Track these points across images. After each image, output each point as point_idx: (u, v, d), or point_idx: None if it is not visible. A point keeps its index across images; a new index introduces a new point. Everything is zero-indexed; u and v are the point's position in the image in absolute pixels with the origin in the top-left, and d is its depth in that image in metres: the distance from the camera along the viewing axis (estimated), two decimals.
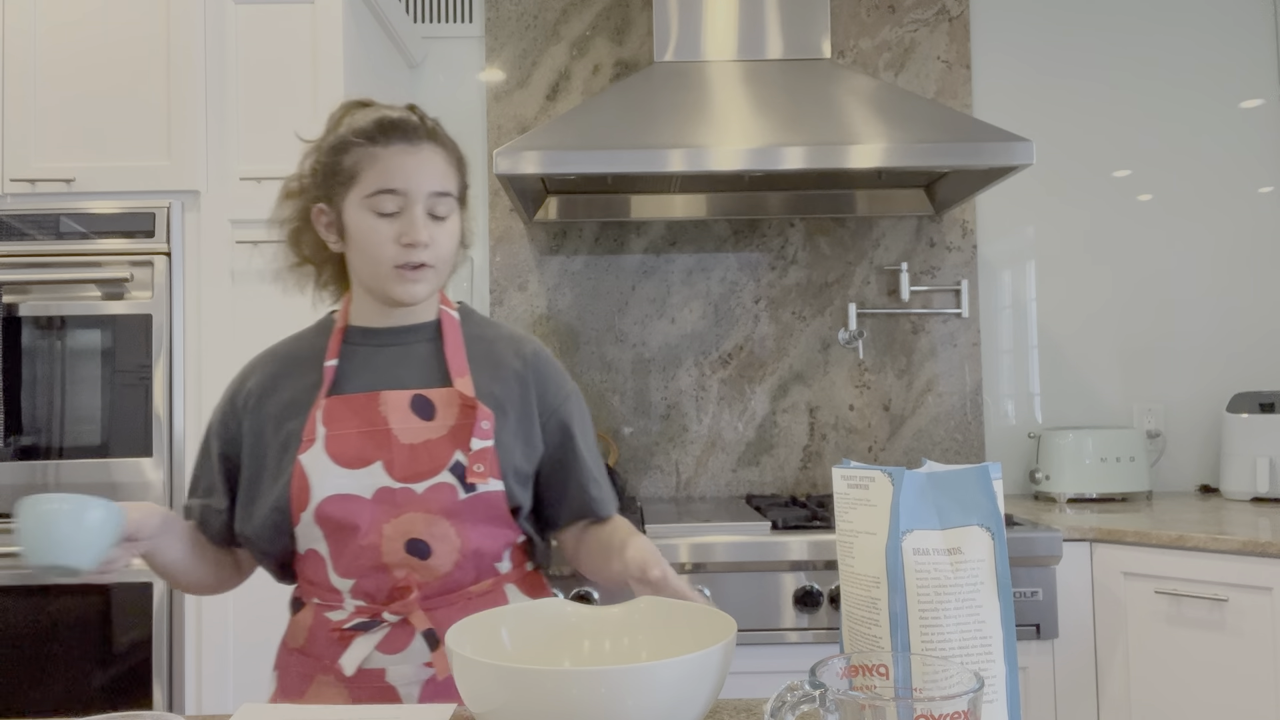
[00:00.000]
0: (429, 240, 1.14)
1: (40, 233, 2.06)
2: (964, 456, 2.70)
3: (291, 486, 1.13)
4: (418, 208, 1.13)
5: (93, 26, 2.11)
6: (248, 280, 2.09)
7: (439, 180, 1.15)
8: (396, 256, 1.14)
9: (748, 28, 2.45)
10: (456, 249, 1.21)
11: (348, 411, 1.15)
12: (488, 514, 1.16)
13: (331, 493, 1.12)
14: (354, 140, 1.15)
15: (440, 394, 1.17)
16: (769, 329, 2.72)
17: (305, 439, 1.14)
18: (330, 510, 1.12)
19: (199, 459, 1.25)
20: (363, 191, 1.14)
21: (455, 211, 1.19)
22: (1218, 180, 2.77)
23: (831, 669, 0.67)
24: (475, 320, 1.29)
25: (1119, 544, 2.04)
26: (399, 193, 1.13)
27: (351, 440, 1.14)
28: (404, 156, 1.14)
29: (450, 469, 1.14)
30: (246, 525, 1.19)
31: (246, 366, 1.26)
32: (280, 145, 2.12)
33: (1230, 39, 2.78)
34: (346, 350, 1.22)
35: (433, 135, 1.17)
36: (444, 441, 1.15)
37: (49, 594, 2.01)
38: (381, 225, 1.14)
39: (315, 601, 1.19)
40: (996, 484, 0.80)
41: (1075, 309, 2.76)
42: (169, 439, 2.05)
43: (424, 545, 1.13)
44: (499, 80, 2.76)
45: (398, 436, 1.14)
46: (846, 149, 2.12)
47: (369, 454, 1.13)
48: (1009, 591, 0.78)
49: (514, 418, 1.20)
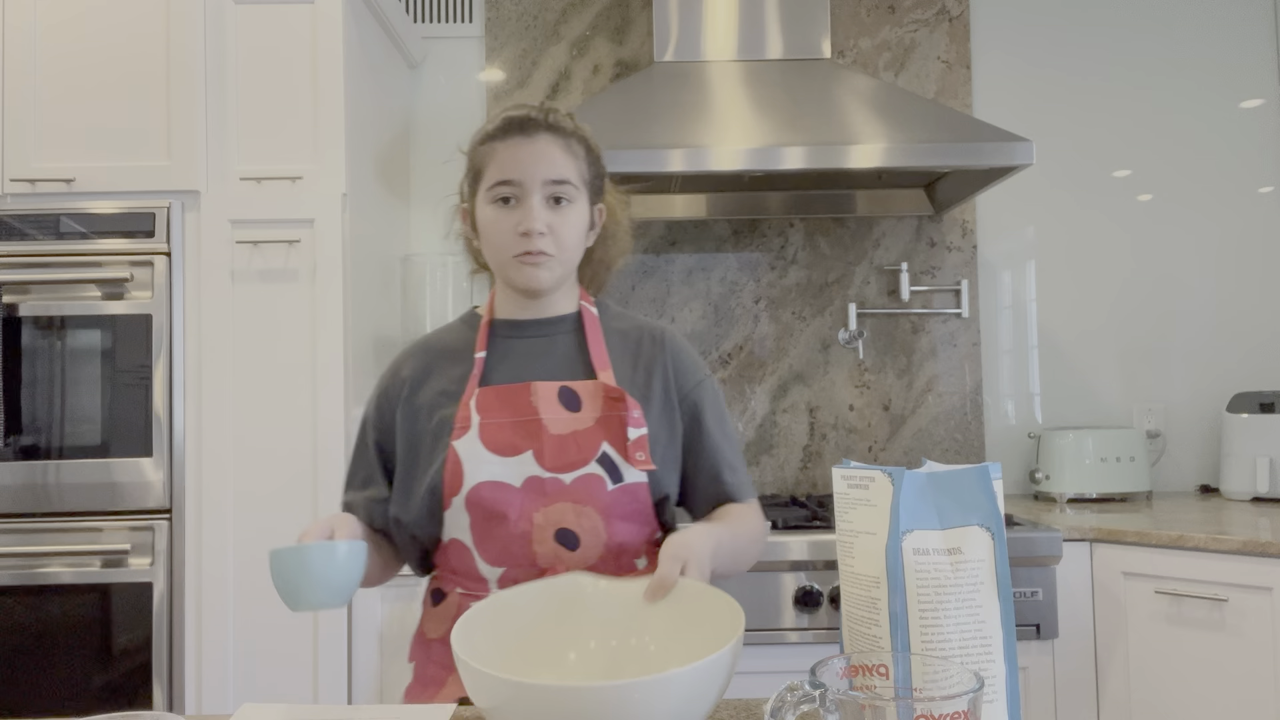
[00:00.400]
0: (545, 229, 1.16)
1: (40, 233, 2.06)
2: (964, 456, 2.70)
3: (445, 471, 1.15)
4: (534, 197, 1.16)
5: (93, 26, 2.11)
6: (248, 280, 2.09)
7: (555, 169, 1.17)
8: (515, 245, 1.17)
9: (748, 28, 2.45)
10: (581, 238, 1.22)
11: (500, 401, 1.18)
12: (632, 508, 1.18)
13: (484, 479, 1.15)
14: (480, 140, 1.21)
15: (585, 386, 1.20)
16: (769, 329, 2.72)
17: (459, 426, 1.17)
18: (482, 496, 1.14)
19: (355, 452, 1.29)
20: (486, 185, 1.19)
21: (579, 200, 1.20)
22: (1218, 180, 2.77)
23: (831, 669, 0.67)
24: (612, 313, 1.31)
25: (1119, 544, 2.04)
26: (514, 183, 1.16)
27: (504, 429, 1.17)
28: (519, 149, 1.17)
29: (598, 460, 1.16)
30: (403, 510, 1.21)
31: (398, 358, 1.29)
32: (280, 145, 2.12)
33: (1230, 39, 2.78)
34: (493, 342, 1.25)
35: (551, 126, 1.19)
36: (591, 433, 1.17)
37: (49, 594, 2.01)
38: (501, 216, 1.18)
39: (459, 591, 1.19)
40: (996, 484, 0.80)
41: (1075, 309, 2.76)
42: (169, 439, 2.05)
43: (573, 536, 1.15)
44: (499, 80, 2.76)
45: (547, 426, 1.16)
46: (846, 149, 2.12)
47: (520, 443, 1.16)
48: (1009, 591, 0.78)
49: (656, 406, 1.23)
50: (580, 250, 1.23)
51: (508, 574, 1.16)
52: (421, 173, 2.77)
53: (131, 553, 2.02)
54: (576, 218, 1.20)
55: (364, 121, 2.29)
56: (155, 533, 2.03)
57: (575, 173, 1.19)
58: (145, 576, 2.02)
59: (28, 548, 2.01)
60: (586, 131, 1.24)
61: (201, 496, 2.05)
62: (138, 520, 2.03)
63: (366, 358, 2.25)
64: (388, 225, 2.50)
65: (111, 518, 2.03)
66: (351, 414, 2.11)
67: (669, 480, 1.21)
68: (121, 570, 2.01)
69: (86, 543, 2.02)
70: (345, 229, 2.11)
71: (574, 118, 1.23)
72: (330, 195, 2.10)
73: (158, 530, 2.03)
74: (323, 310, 2.08)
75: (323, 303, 2.08)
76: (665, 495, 1.21)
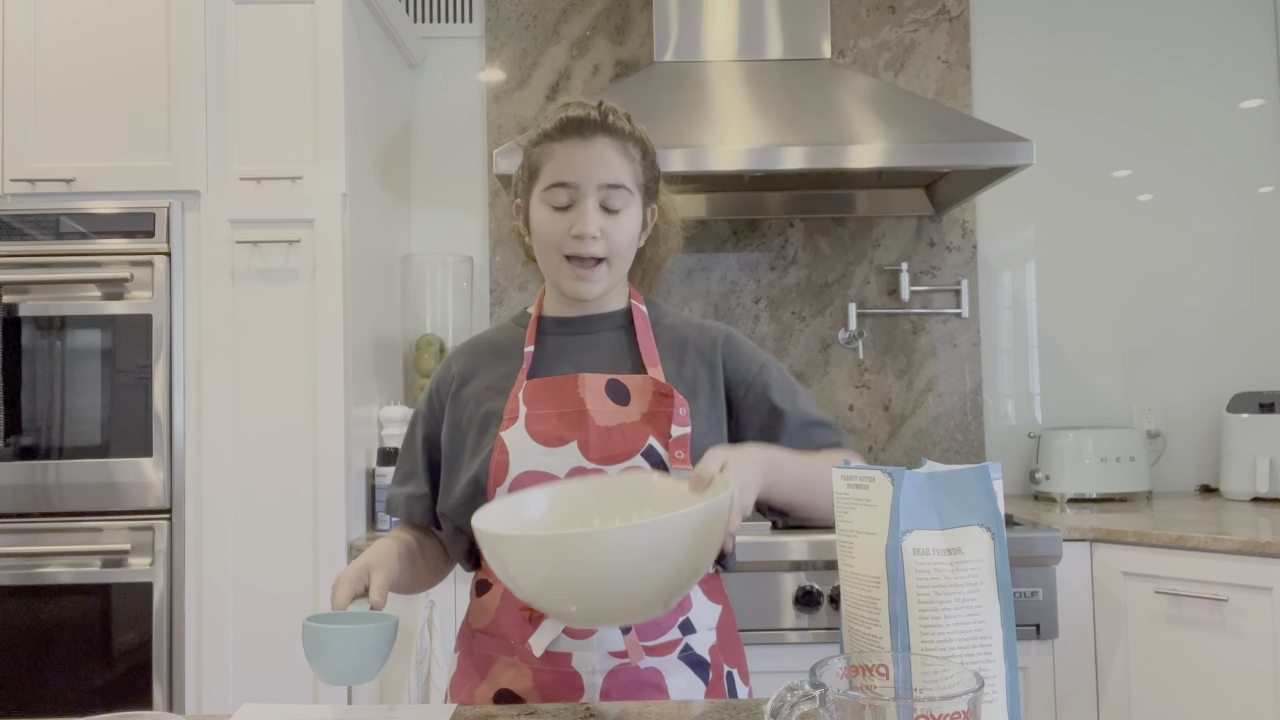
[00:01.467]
0: (598, 233, 1.15)
1: (40, 233, 2.06)
2: (964, 456, 2.70)
3: (491, 461, 1.15)
4: (588, 200, 1.15)
5: (93, 26, 2.11)
6: (248, 280, 2.09)
7: (611, 173, 1.16)
8: (568, 247, 1.16)
9: (748, 28, 2.45)
10: (633, 241, 1.21)
11: (547, 393, 1.18)
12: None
13: (528, 469, 1.15)
14: (537, 138, 1.20)
15: (634, 380, 1.19)
16: (769, 329, 2.72)
17: (508, 417, 1.17)
18: (524, 486, 1.14)
19: (404, 446, 1.31)
20: (541, 185, 1.18)
21: (633, 204, 1.19)
22: (1218, 180, 2.77)
23: (831, 669, 0.67)
24: (662, 309, 1.31)
25: (1119, 544, 2.04)
26: (570, 185, 1.16)
27: (550, 420, 1.16)
28: (575, 150, 1.16)
29: (643, 454, 1.16)
30: (445, 502, 1.21)
31: (450, 355, 1.31)
32: (280, 145, 2.12)
33: (1230, 39, 2.78)
34: (541, 338, 1.26)
35: (609, 128, 1.18)
36: (638, 426, 1.17)
37: (49, 594, 2.01)
38: (555, 218, 1.17)
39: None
40: (996, 484, 0.80)
41: (1075, 309, 2.76)
42: (169, 439, 2.05)
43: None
44: (499, 80, 2.76)
45: (594, 418, 1.16)
46: (846, 149, 2.12)
47: (565, 434, 1.16)
48: (1009, 591, 0.78)
49: (704, 403, 1.22)
50: (632, 253, 1.22)
51: None
52: (421, 173, 2.77)
53: (131, 553, 2.02)
54: (630, 222, 1.19)
55: (364, 121, 2.29)
56: (155, 533, 2.03)
57: (630, 176, 1.18)
58: (145, 576, 2.02)
59: (28, 548, 2.01)
60: (643, 132, 1.23)
61: (201, 496, 2.05)
62: (138, 520, 2.03)
63: (366, 358, 2.25)
64: (388, 225, 2.50)
65: (111, 518, 2.03)
66: (352, 414, 2.11)
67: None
68: (121, 570, 2.01)
69: (86, 543, 2.02)
70: (345, 229, 2.11)
71: (631, 118, 1.22)
72: (330, 195, 2.10)
73: (158, 530, 2.03)
74: (323, 310, 2.08)
75: (323, 303, 2.08)
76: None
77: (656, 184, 1.25)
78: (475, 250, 2.75)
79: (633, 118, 1.22)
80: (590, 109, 1.19)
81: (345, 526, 2.05)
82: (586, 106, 1.19)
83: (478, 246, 2.75)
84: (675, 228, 1.31)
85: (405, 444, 1.31)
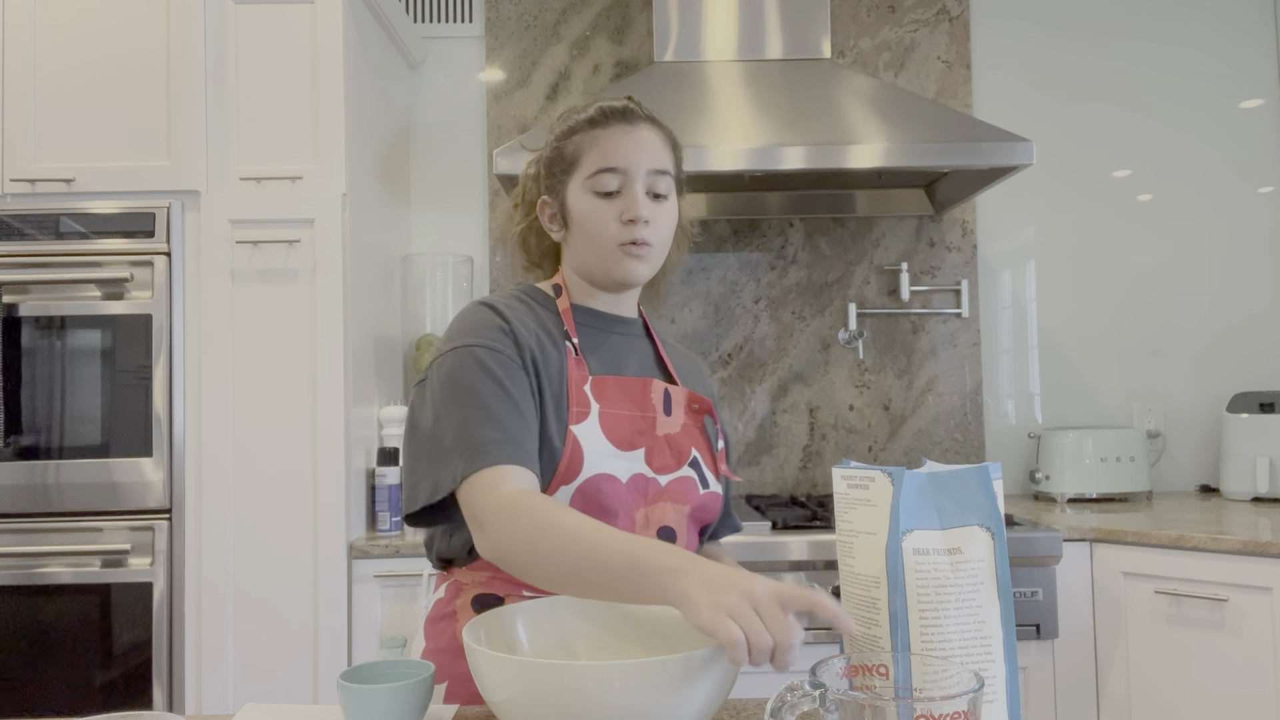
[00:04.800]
0: (649, 217, 1.13)
1: (40, 233, 2.06)
2: (964, 456, 2.70)
3: (563, 457, 1.07)
4: (638, 185, 1.14)
5: (93, 26, 2.11)
6: (248, 280, 2.09)
7: (657, 158, 1.15)
8: (620, 234, 1.13)
9: (748, 28, 2.45)
10: (674, 232, 1.20)
11: (620, 392, 1.14)
12: (706, 517, 1.18)
13: (601, 471, 1.09)
14: (576, 127, 1.17)
15: (676, 391, 1.19)
16: (769, 329, 2.72)
17: (577, 408, 1.10)
18: (595, 489, 1.08)
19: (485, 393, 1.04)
20: (585, 173, 1.15)
21: (674, 195, 1.18)
22: (1218, 180, 2.77)
23: (831, 669, 0.67)
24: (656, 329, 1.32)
25: (1119, 544, 2.04)
26: (619, 170, 1.13)
27: (624, 421, 1.13)
28: (623, 136, 1.14)
29: (690, 464, 1.16)
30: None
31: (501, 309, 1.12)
32: (280, 145, 2.12)
33: (1230, 39, 2.78)
34: (580, 330, 1.19)
35: (650, 119, 1.18)
36: (682, 437, 1.17)
37: (49, 594, 2.01)
38: (603, 205, 1.14)
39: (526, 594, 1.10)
40: (996, 484, 0.80)
41: (1075, 309, 2.76)
42: (169, 439, 2.05)
43: (673, 533, 1.14)
44: (499, 80, 2.76)
45: (656, 426, 1.15)
46: (846, 149, 2.12)
47: (635, 439, 1.13)
48: (1009, 591, 0.78)
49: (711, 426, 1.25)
50: (669, 247, 1.20)
51: None
52: (421, 173, 2.77)
53: (131, 553, 2.02)
54: (673, 212, 1.18)
55: (364, 121, 2.29)
56: (155, 533, 2.03)
57: (672, 165, 1.18)
58: (145, 576, 2.02)
59: (28, 548, 2.01)
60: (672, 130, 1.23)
61: (201, 496, 2.05)
62: (138, 520, 2.03)
63: (366, 358, 2.25)
64: (388, 225, 2.50)
65: (111, 518, 2.03)
66: (352, 414, 2.10)
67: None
68: (121, 570, 2.01)
69: (86, 543, 2.02)
70: (345, 229, 2.11)
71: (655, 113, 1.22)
72: (330, 195, 2.10)
73: (158, 530, 2.03)
74: (323, 310, 2.08)
75: (323, 303, 2.08)
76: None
77: (683, 185, 1.25)
78: (475, 250, 2.75)
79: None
80: (627, 101, 1.18)
81: (345, 526, 2.05)
82: (619, 99, 1.18)
83: (478, 246, 2.75)
84: (686, 232, 1.30)
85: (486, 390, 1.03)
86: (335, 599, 2.04)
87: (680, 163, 1.22)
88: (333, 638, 2.03)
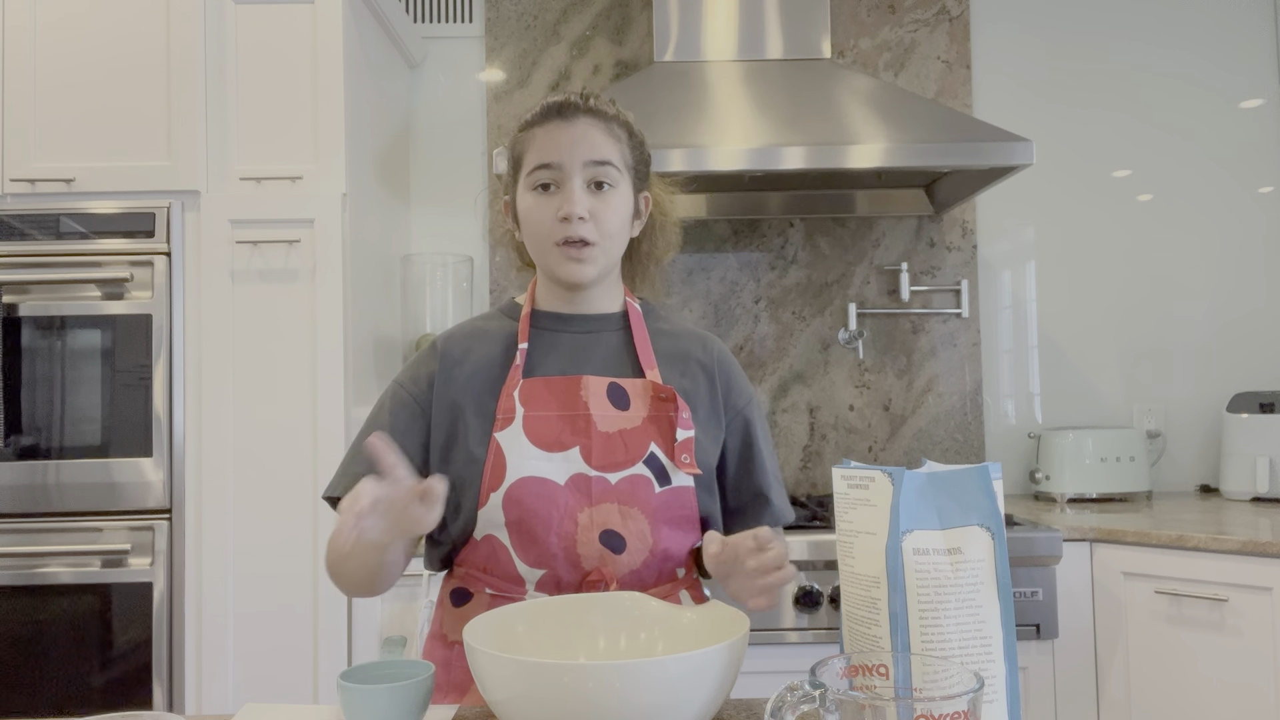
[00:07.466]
0: (586, 213, 1.12)
1: (40, 233, 2.06)
2: (964, 456, 2.70)
3: (486, 465, 1.10)
4: (574, 180, 1.12)
5: (93, 26, 2.11)
6: (248, 280, 2.09)
7: (595, 150, 1.13)
8: (555, 232, 1.13)
9: (748, 28, 2.45)
10: (625, 226, 1.17)
11: (547, 393, 1.13)
12: (679, 513, 1.14)
13: (527, 474, 1.09)
14: (522, 126, 1.18)
15: (634, 384, 1.16)
16: (769, 329, 2.72)
17: (502, 417, 1.12)
18: (523, 493, 1.09)
19: (368, 428, 1.18)
20: (525, 172, 1.16)
21: (622, 184, 1.15)
22: (1218, 180, 2.77)
23: (831, 669, 0.67)
24: (658, 315, 1.27)
25: (1119, 544, 2.04)
26: (553, 166, 1.13)
27: (551, 423, 1.12)
28: (558, 131, 1.14)
29: (645, 461, 1.12)
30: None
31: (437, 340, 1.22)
32: (280, 145, 2.12)
33: (1230, 39, 2.78)
34: (534, 333, 1.20)
35: (591, 110, 1.16)
36: (639, 432, 1.13)
37: (49, 594, 2.01)
38: (542, 203, 1.14)
39: (490, 592, 1.14)
40: (996, 484, 0.80)
41: (1075, 309, 2.76)
42: (169, 439, 2.05)
43: (619, 539, 1.11)
44: (499, 80, 2.76)
45: (596, 423, 1.12)
46: (846, 149, 2.12)
47: (567, 439, 1.11)
48: (1009, 591, 0.78)
49: (702, 413, 1.19)
50: (624, 239, 1.18)
51: (549, 576, 1.11)
52: (421, 173, 2.77)
53: (131, 553, 2.02)
54: (619, 202, 1.15)
55: (364, 121, 2.29)
56: (155, 533, 2.03)
57: (617, 154, 1.15)
58: (145, 576, 2.02)
59: (28, 548, 2.01)
60: (629, 116, 1.20)
61: (201, 496, 2.05)
62: (138, 520, 2.03)
63: (366, 358, 2.25)
64: (388, 225, 2.50)
65: (111, 518, 2.03)
66: (352, 414, 2.11)
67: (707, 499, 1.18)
68: (121, 570, 2.01)
69: (86, 543, 2.02)
70: (345, 229, 2.11)
71: (616, 102, 1.19)
72: (330, 195, 2.10)
73: (158, 530, 2.03)
74: (323, 310, 2.08)
75: (323, 303, 2.08)
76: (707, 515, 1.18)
77: (647, 169, 1.22)
78: (475, 250, 2.75)
79: (618, 103, 1.20)
80: (571, 95, 1.17)
81: None
82: (567, 94, 1.17)
83: (478, 246, 2.75)
84: (672, 221, 1.27)
85: (370, 425, 1.17)
86: (335, 599, 2.04)
87: (639, 149, 1.20)
88: (333, 638, 2.03)
